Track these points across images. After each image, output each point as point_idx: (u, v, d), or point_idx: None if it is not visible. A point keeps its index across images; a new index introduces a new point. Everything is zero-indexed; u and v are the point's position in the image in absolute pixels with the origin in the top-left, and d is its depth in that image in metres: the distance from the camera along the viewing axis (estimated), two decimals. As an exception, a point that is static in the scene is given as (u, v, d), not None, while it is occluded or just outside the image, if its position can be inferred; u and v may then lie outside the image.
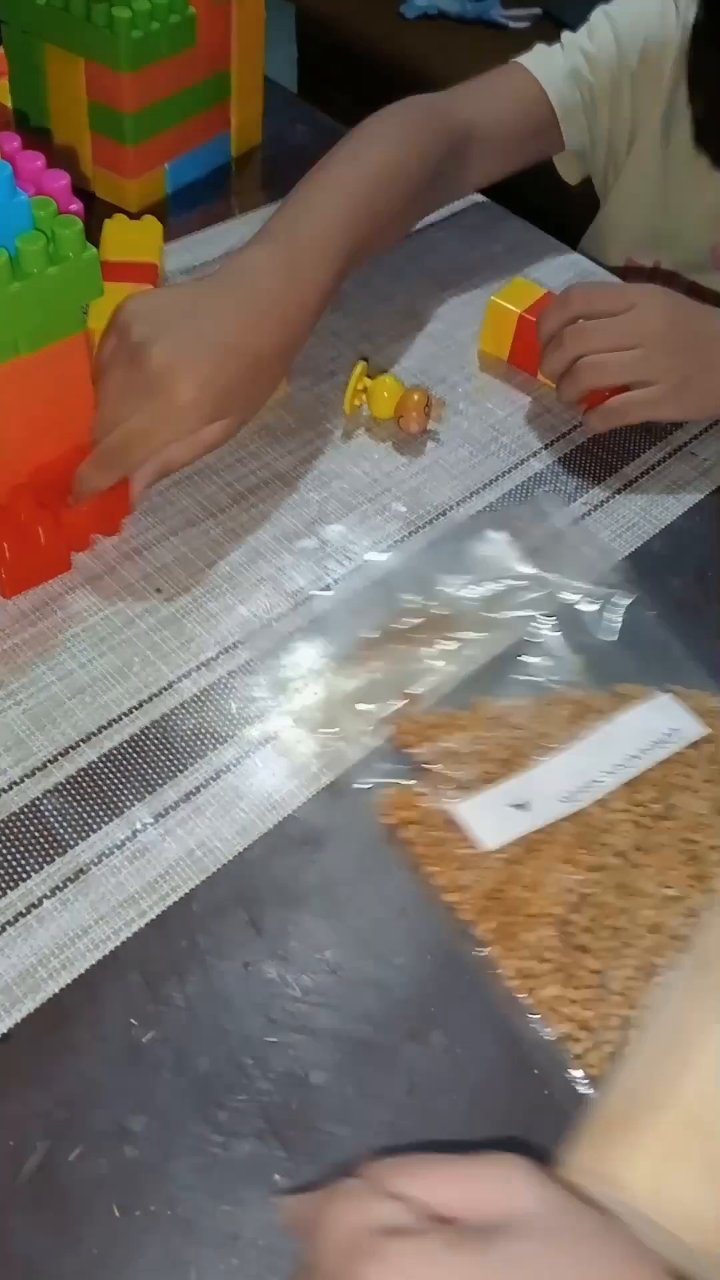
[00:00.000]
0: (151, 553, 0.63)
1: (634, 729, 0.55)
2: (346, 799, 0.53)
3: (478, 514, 0.67)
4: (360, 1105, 0.44)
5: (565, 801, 0.52)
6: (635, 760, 0.54)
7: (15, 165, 0.55)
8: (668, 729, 0.55)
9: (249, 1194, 0.42)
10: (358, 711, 0.55)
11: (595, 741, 0.54)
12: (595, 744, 0.54)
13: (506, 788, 0.52)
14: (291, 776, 0.54)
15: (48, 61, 0.81)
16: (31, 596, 0.60)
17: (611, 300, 0.68)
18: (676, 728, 0.55)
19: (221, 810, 0.53)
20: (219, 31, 0.85)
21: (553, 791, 0.52)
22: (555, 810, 0.52)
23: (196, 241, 0.85)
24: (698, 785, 0.54)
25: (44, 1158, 0.42)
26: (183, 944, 0.48)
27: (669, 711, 0.56)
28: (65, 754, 0.54)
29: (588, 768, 0.53)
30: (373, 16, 1.87)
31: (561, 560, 0.64)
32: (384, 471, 0.70)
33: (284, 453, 0.70)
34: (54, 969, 0.47)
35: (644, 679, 0.58)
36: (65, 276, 0.55)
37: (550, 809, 0.52)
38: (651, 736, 0.54)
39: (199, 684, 0.57)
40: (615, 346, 0.67)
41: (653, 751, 0.54)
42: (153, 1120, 0.43)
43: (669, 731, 0.55)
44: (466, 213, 0.91)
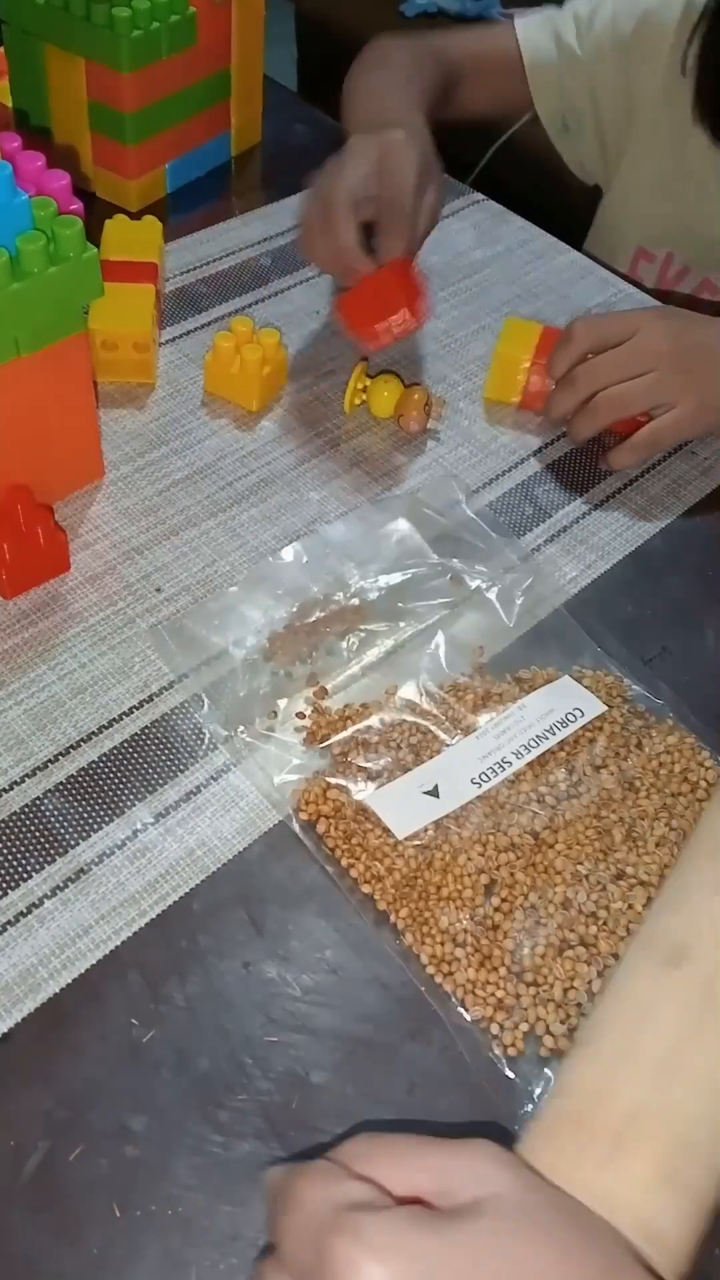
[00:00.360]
0: (151, 553, 0.63)
1: (538, 711, 0.56)
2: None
3: (382, 500, 0.67)
4: (360, 1105, 0.44)
5: (474, 784, 0.53)
6: (541, 741, 0.55)
7: (16, 165, 0.55)
8: (570, 709, 0.56)
9: (249, 1194, 0.42)
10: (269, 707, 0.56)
11: (501, 725, 0.55)
12: (501, 727, 0.55)
13: (416, 775, 0.53)
14: (293, 774, 0.54)
15: (48, 61, 0.81)
16: (31, 596, 0.60)
17: (615, 328, 0.67)
18: (578, 707, 0.56)
19: (221, 810, 0.53)
20: (219, 31, 0.85)
21: (462, 776, 0.53)
22: (465, 794, 0.53)
23: (196, 241, 0.85)
24: (602, 762, 0.55)
25: (44, 1157, 0.42)
26: (183, 944, 0.48)
27: (570, 692, 0.57)
28: (66, 753, 0.54)
29: (495, 750, 0.54)
30: (373, 16, 1.87)
31: (464, 547, 0.64)
32: (384, 471, 0.70)
33: (284, 453, 0.70)
34: (54, 969, 0.47)
35: (544, 663, 0.59)
36: (65, 276, 0.55)
37: (460, 793, 0.53)
38: (554, 717, 0.55)
39: (200, 683, 0.57)
40: (628, 376, 0.66)
41: (557, 732, 0.55)
42: (153, 1120, 0.43)
43: (571, 711, 0.56)
44: (467, 212, 0.91)
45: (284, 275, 0.83)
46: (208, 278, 0.82)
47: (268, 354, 0.70)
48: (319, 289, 0.82)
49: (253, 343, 0.70)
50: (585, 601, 0.63)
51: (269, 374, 0.71)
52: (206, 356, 0.72)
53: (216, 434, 0.71)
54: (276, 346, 0.71)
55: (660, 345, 0.66)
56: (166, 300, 0.80)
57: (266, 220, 0.88)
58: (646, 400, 0.66)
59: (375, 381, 0.71)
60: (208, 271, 0.82)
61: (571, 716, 0.56)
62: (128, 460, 0.68)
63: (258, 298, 0.81)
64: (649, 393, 0.66)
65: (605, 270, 0.87)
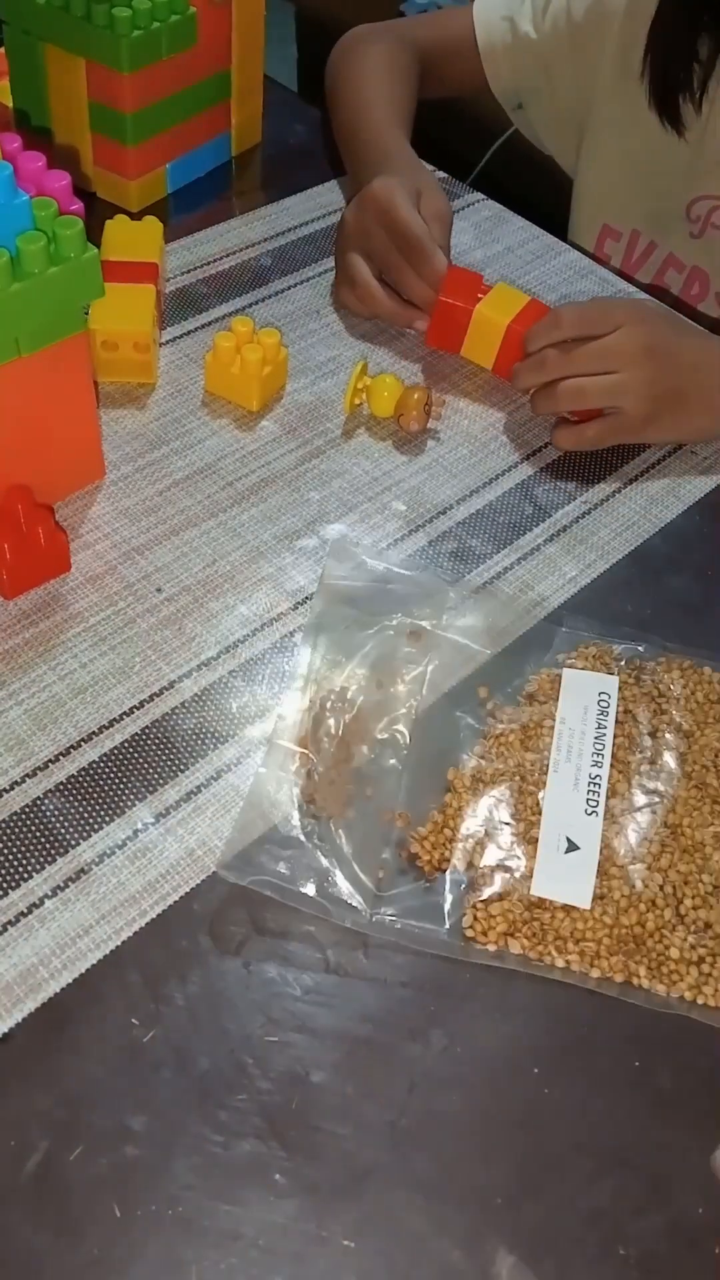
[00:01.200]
0: (152, 553, 0.63)
1: (575, 715, 0.56)
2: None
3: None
4: (360, 1105, 0.44)
5: (593, 814, 0.52)
6: (602, 739, 0.55)
7: (16, 165, 0.55)
8: (596, 696, 0.56)
9: (249, 1194, 0.42)
10: (376, 867, 0.51)
11: (562, 748, 0.54)
12: (563, 750, 0.54)
13: (544, 843, 0.51)
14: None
15: (48, 61, 0.81)
16: (32, 596, 0.60)
17: (599, 322, 0.68)
18: (600, 691, 0.56)
19: (222, 810, 0.53)
20: (219, 31, 0.85)
21: (577, 815, 0.52)
22: (594, 827, 0.52)
23: (197, 241, 0.85)
24: (653, 728, 0.56)
25: (44, 1157, 0.42)
26: (183, 944, 0.48)
27: (581, 682, 0.57)
28: (66, 754, 0.54)
29: (578, 773, 0.54)
30: (373, 16, 1.86)
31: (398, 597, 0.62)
32: (384, 470, 0.70)
33: (284, 453, 0.70)
34: (55, 969, 0.47)
35: (534, 669, 0.59)
36: (66, 277, 0.55)
37: (591, 830, 0.52)
38: (593, 711, 0.56)
39: (200, 683, 0.57)
40: (594, 371, 0.68)
41: (604, 724, 0.55)
42: (153, 1120, 0.43)
43: (599, 697, 0.56)
44: (467, 212, 0.91)
45: (284, 275, 0.83)
46: (208, 278, 0.82)
47: (268, 354, 0.70)
48: (319, 289, 0.82)
49: (253, 343, 0.70)
50: (585, 601, 0.63)
51: (269, 374, 0.71)
52: (207, 356, 0.72)
53: (216, 434, 0.71)
54: (277, 346, 0.71)
55: (634, 348, 0.67)
56: (167, 300, 0.80)
57: (266, 220, 0.88)
58: (604, 399, 0.68)
59: (375, 381, 0.71)
60: (208, 271, 0.83)
61: (603, 701, 0.56)
62: (128, 460, 0.68)
63: (258, 298, 0.81)
64: (607, 393, 0.68)
65: (605, 270, 0.87)
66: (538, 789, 0.53)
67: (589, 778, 0.53)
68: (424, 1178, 0.43)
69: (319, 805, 0.52)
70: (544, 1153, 0.44)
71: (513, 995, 0.48)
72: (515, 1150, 0.44)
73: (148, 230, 0.78)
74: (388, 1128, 0.44)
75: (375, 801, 0.53)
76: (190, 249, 0.84)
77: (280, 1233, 0.41)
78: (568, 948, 0.49)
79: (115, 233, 0.77)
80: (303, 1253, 0.41)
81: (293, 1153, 0.43)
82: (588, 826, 0.52)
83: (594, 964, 0.49)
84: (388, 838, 0.52)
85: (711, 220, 0.86)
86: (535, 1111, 0.45)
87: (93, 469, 0.67)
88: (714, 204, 0.85)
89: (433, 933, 0.49)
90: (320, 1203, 0.42)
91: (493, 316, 0.72)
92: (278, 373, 0.72)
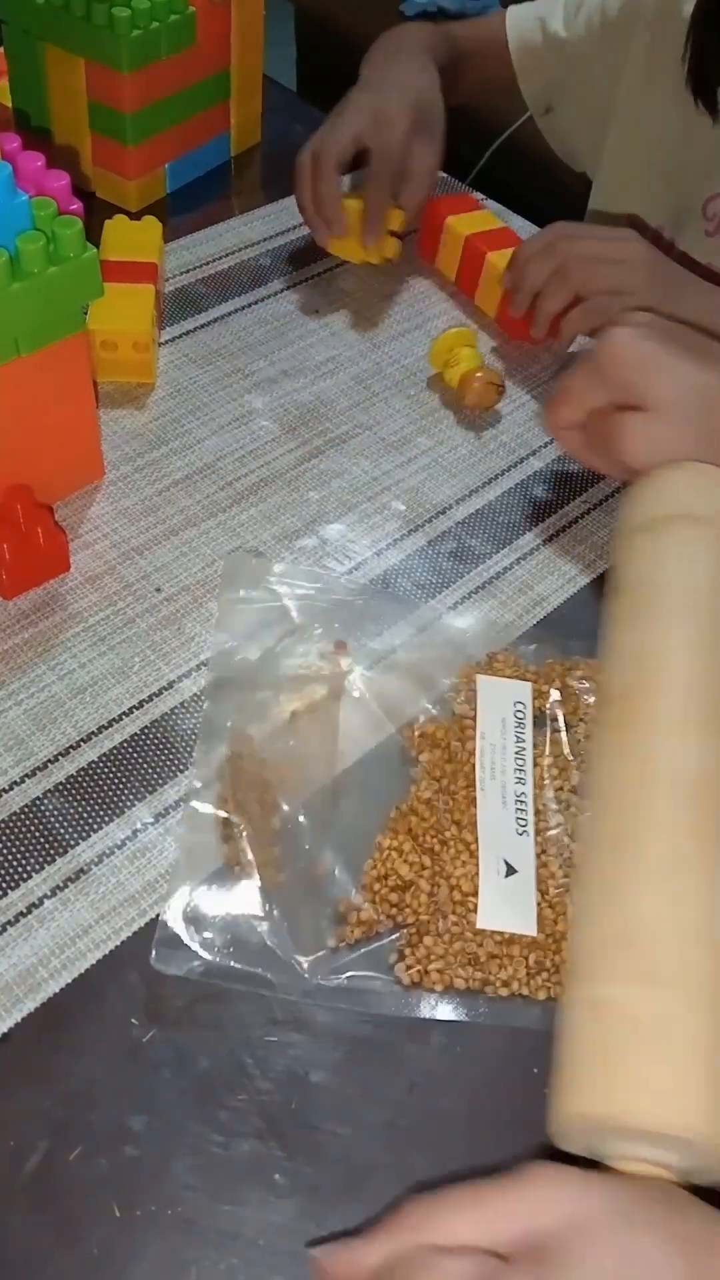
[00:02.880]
0: (151, 552, 0.63)
1: (494, 728, 0.54)
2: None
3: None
4: (360, 1105, 0.44)
5: (524, 834, 0.51)
6: (522, 754, 0.54)
7: (15, 165, 0.55)
8: (513, 705, 0.55)
9: (249, 1194, 0.42)
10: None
11: (485, 764, 0.53)
12: (488, 767, 0.53)
13: (484, 868, 0.50)
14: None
15: (48, 61, 0.81)
16: (31, 596, 0.60)
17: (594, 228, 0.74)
18: (517, 699, 0.56)
19: (221, 810, 0.53)
20: (219, 31, 0.85)
21: (509, 837, 0.51)
22: (528, 848, 0.51)
23: (196, 241, 0.85)
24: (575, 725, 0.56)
25: (44, 1157, 0.42)
26: (183, 944, 0.48)
27: (496, 689, 0.56)
28: (66, 754, 0.54)
29: (504, 791, 0.52)
30: (373, 15, 1.86)
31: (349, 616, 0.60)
32: (383, 470, 0.70)
33: (283, 452, 0.70)
34: (54, 969, 0.47)
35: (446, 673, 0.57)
36: (65, 276, 0.55)
37: (525, 851, 0.50)
38: (512, 724, 0.55)
39: (199, 683, 0.57)
40: (603, 257, 0.71)
41: (523, 736, 0.54)
42: (153, 1120, 0.43)
43: (516, 706, 0.55)
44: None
45: (284, 275, 0.83)
46: (208, 278, 0.82)
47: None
48: (319, 289, 0.82)
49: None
50: (584, 602, 0.63)
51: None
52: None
53: (216, 434, 0.71)
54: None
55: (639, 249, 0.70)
56: (166, 300, 0.80)
57: (266, 220, 0.88)
58: (613, 281, 0.70)
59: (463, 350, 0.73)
60: (208, 271, 0.83)
61: (519, 712, 0.55)
62: (128, 460, 0.68)
63: (258, 297, 0.81)
64: (615, 278, 0.70)
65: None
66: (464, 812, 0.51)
67: (518, 796, 0.52)
68: (424, 1178, 0.43)
69: (246, 870, 0.49)
70: (543, 1153, 0.44)
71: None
72: (514, 1150, 0.44)
73: (147, 230, 0.78)
74: (387, 1128, 0.44)
75: (306, 857, 0.50)
76: (190, 249, 0.84)
77: (280, 1233, 0.41)
78: (540, 977, 0.48)
79: (114, 233, 0.77)
80: (303, 1253, 0.41)
81: (293, 1153, 0.43)
82: (522, 849, 0.50)
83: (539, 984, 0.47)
84: (322, 894, 0.49)
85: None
86: (535, 1111, 0.45)
87: (92, 469, 0.67)
88: None
89: (378, 991, 0.47)
90: (320, 1203, 0.42)
91: (459, 229, 0.80)
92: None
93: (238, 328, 0.78)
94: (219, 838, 0.50)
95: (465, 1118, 0.45)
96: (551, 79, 0.93)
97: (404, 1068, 0.46)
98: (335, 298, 0.81)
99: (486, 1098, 0.45)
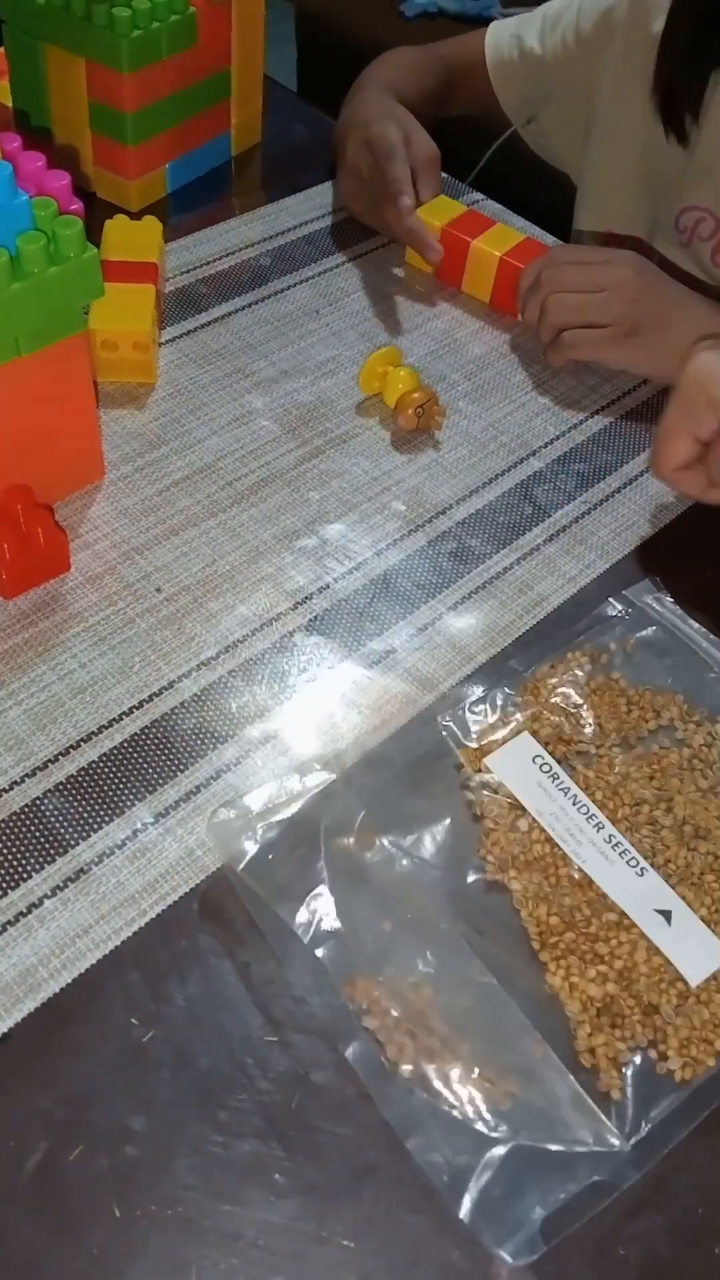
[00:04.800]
0: (151, 553, 0.63)
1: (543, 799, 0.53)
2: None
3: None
4: (360, 1105, 0.44)
5: (644, 873, 0.51)
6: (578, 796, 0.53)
7: (16, 165, 0.55)
8: (533, 762, 0.54)
9: (249, 1194, 0.42)
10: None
11: (565, 841, 0.52)
12: (568, 841, 0.52)
13: (649, 931, 0.49)
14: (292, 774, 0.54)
15: (48, 61, 0.81)
16: (31, 596, 0.60)
17: (592, 254, 0.75)
18: (532, 755, 0.54)
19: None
20: (219, 31, 0.85)
21: (640, 887, 0.50)
22: (658, 882, 0.51)
23: (196, 241, 0.85)
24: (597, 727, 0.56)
25: (44, 1157, 0.42)
26: (183, 944, 0.48)
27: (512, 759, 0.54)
28: (66, 753, 0.54)
29: (601, 849, 0.52)
30: (372, 15, 1.87)
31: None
32: (383, 470, 0.70)
33: (284, 452, 0.70)
34: (55, 969, 0.47)
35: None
36: (66, 276, 0.55)
37: (660, 888, 0.50)
38: (549, 780, 0.54)
39: (199, 683, 0.57)
40: (583, 289, 0.71)
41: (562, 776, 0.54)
42: (153, 1120, 0.43)
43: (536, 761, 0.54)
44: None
45: (284, 275, 0.83)
46: (208, 278, 0.82)
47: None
48: (319, 289, 0.82)
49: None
50: (583, 603, 0.63)
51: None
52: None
53: (216, 434, 0.71)
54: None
55: (622, 274, 0.71)
56: (167, 300, 0.80)
57: (266, 220, 0.88)
58: (589, 313, 0.71)
59: (393, 372, 0.72)
60: (208, 271, 0.83)
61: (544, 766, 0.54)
62: (128, 460, 0.68)
63: (258, 297, 0.81)
64: (589, 308, 0.71)
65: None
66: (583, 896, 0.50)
67: (606, 841, 0.52)
68: (424, 1178, 0.43)
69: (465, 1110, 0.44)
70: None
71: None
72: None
73: (147, 230, 0.78)
74: (388, 1128, 0.44)
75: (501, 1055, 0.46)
76: (190, 249, 0.84)
77: (280, 1233, 0.41)
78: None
79: (115, 233, 0.77)
80: (303, 1253, 0.41)
81: (293, 1153, 0.43)
82: (652, 886, 0.50)
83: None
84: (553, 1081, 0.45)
85: (697, 232, 0.87)
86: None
87: (92, 469, 0.67)
88: (699, 215, 0.86)
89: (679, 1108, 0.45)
90: (320, 1203, 0.42)
91: (488, 250, 0.79)
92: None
93: (238, 328, 0.78)
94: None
95: (465, 1118, 0.45)
96: (529, 93, 0.95)
97: (404, 1068, 0.46)
98: (335, 298, 0.81)
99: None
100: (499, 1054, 0.45)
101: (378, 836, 0.51)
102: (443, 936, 0.48)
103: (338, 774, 0.53)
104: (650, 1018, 0.47)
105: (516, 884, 0.51)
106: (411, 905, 0.49)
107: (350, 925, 0.48)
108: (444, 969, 0.47)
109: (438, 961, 0.47)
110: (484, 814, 0.53)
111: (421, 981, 0.47)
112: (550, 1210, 0.42)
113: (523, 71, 0.95)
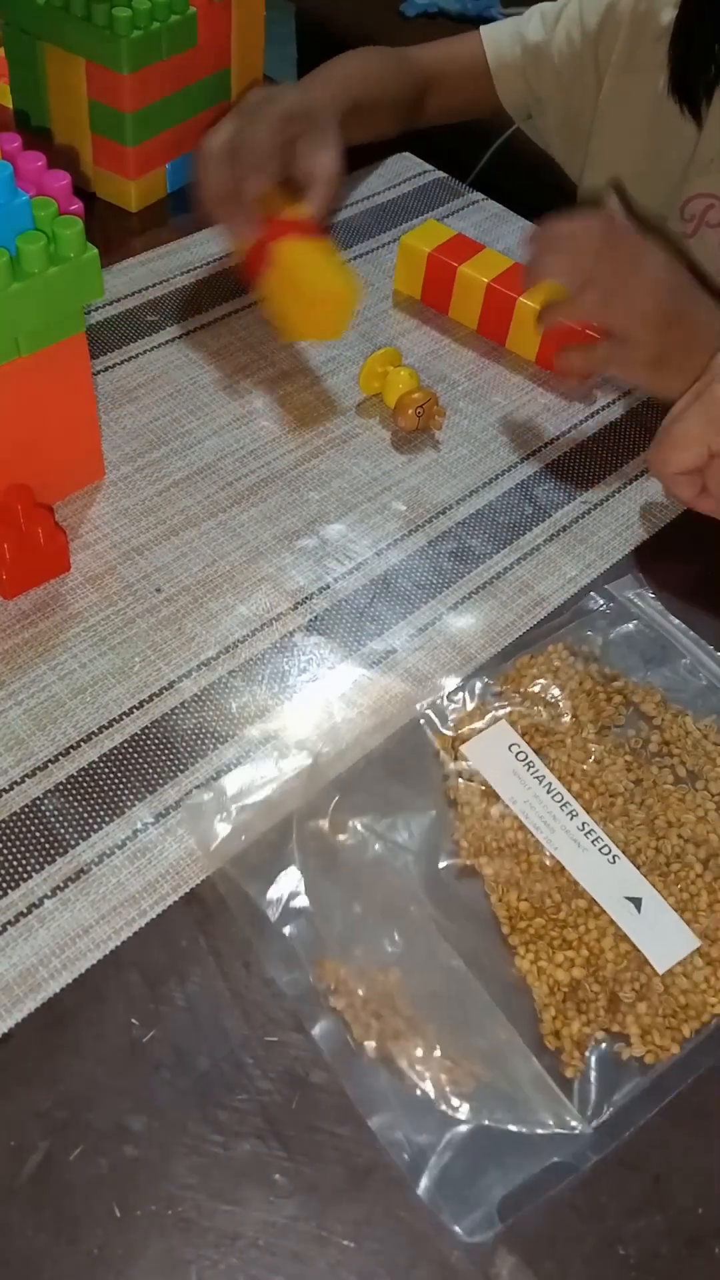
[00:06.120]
0: (151, 553, 0.63)
1: (517, 787, 0.53)
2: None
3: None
4: (360, 1105, 0.44)
5: (615, 861, 0.51)
6: (554, 785, 0.53)
7: (16, 165, 0.55)
8: (509, 750, 0.54)
9: (249, 1194, 0.42)
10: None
11: (539, 829, 0.52)
12: (540, 828, 0.52)
13: (619, 918, 0.49)
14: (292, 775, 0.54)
15: (48, 61, 0.81)
16: (31, 596, 0.60)
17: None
18: (508, 743, 0.55)
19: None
20: (219, 31, 0.85)
21: (611, 874, 0.50)
22: (630, 871, 0.51)
23: (197, 241, 0.85)
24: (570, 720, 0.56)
25: (44, 1157, 0.42)
26: (183, 944, 0.48)
27: (487, 746, 0.55)
28: (66, 754, 0.54)
29: (574, 836, 0.52)
30: (373, 15, 1.87)
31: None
32: (384, 470, 0.70)
33: (284, 452, 0.70)
34: (55, 969, 0.47)
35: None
36: (66, 277, 0.55)
37: (631, 877, 0.51)
38: (523, 769, 0.54)
39: (199, 683, 0.57)
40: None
41: (538, 765, 0.54)
42: (153, 1120, 0.43)
43: (512, 749, 0.54)
44: (467, 212, 0.91)
45: (284, 275, 0.83)
46: (208, 278, 0.82)
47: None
48: (319, 289, 0.82)
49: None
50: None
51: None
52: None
53: (216, 434, 0.71)
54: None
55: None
56: (167, 301, 0.80)
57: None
58: (622, 316, 0.65)
59: (394, 372, 0.72)
60: (208, 271, 0.82)
61: (519, 754, 0.54)
62: (128, 460, 0.68)
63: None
64: (628, 312, 0.64)
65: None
66: (554, 882, 0.51)
67: (579, 829, 0.52)
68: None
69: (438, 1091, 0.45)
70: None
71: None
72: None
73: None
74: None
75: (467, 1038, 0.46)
76: (190, 249, 0.84)
77: (280, 1233, 0.41)
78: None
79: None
80: (303, 1253, 0.41)
81: (293, 1153, 0.43)
82: (623, 875, 0.51)
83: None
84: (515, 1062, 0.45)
85: (706, 219, 0.86)
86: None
87: (92, 469, 0.67)
88: (709, 201, 0.86)
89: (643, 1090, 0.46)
90: (320, 1203, 0.42)
91: (475, 275, 0.77)
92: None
93: (238, 327, 0.78)
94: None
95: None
96: (531, 91, 0.95)
97: (404, 1068, 0.46)
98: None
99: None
100: (465, 1036, 0.45)
101: (352, 820, 0.51)
102: (412, 920, 0.48)
103: (314, 758, 0.53)
104: (615, 1003, 0.47)
105: (488, 869, 0.51)
106: (382, 888, 0.49)
107: (319, 906, 0.48)
108: (413, 952, 0.47)
109: (406, 944, 0.48)
110: (459, 800, 0.53)
111: (390, 964, 0.47)
112: (509, 1190, 0.42)
113: (525, 69, 0.94)
